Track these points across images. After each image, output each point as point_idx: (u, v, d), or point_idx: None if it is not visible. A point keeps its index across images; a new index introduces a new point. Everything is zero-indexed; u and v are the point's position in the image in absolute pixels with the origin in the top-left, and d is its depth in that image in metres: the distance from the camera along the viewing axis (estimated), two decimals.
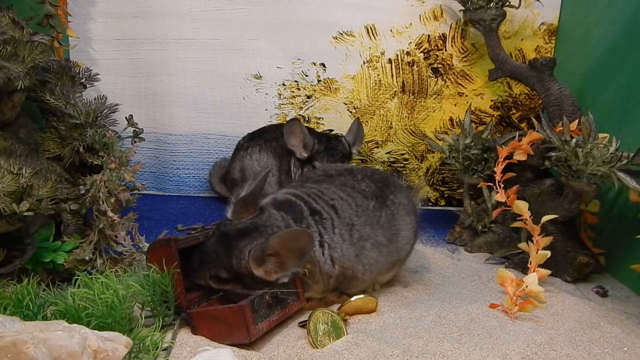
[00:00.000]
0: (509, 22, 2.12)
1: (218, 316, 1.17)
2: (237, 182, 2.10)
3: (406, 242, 1.47)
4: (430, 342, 1.19)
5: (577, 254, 1.61)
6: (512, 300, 1.36)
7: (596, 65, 1.87)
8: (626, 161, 1.43)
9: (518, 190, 1.61)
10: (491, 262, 1.75)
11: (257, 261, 1.20)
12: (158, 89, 2.19)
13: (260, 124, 2.20)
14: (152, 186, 2.22)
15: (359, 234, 1.35)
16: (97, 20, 2.12)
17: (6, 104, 1.41)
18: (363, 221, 1.37)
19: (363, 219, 1.37)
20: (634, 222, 1.56)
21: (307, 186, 1.45)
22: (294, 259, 1.20)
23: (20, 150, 1.41)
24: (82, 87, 1.64)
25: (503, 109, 2.23)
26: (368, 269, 1.37)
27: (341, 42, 2.18)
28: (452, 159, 1.89)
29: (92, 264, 1.40)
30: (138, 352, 1.06)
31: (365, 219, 1.38)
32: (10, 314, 1.06)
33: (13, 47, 1.38)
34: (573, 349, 1.21)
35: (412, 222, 1.49)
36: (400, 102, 2.22)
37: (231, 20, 2.15)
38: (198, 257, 1.25)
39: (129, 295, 1.13)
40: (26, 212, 1.22)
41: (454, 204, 2.28)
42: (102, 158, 1.48)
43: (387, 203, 1.44)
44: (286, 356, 1.13)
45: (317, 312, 1.22)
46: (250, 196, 1.27)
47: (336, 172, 1.53)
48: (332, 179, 1.48)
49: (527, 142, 1.66)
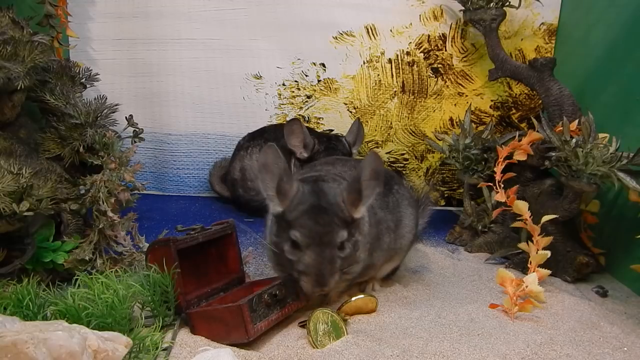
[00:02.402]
0: (509, 22, 2.12)
1: (217, 316, 1.17)
2: (237, 182, 2.10)
3: (408, 231, 1.49)
4: (430, 342, 1.19)
5: (577, 254, 1.61)
6: (512, 300, 1.36)
7: (596, 65, 1.87)
8: (626, 161, 1.43)
9: (518, 190, 1.61)
10: (491, 262, 1.75)
11: (355, 203, 1.20)
12: (158, 89, 2.19)
13: (260, 124, 2.20)
14: (152, 186, 2.22)
15: (376, 216, 1.36)
16: (97, 20, 2.12)
17: (6, 104, 1.41)
18: (378, 204, 1.38)
19: (378, 202, 1.38)
20: (634, 222, 1.56)
21: (318, 169, 1.45)
22: (374, 182, 1.20)
23: (20, 150, 1.41)
24: (82, 87, 1.64)
25: (503, 109, 2.23)
26: (381, 254, 1.39)
27: (341, 42, 2.18)
28: (452, 159, 1.89)
29: (92, 264, 1.40)
30: (138, 352, 1.06)
31: (380, 203, 1.39)
32: (10, 314, 1.06)
33: (13, 47, 1.38)
34: (573, 349, 1.21)
35: (413, 213, 1.52)
36: (400, 102, 2.22)
37: (231, 20, 2.15)
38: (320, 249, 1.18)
39: (129, 295, 1.13)
40: (26, 212, 1.22)
41: (454, 204, 2.28)
42: (102, 158, 1.48)
43: (392, 191, 1.47)
44: (286, 356, 1.13)
45: (317, 312, 1.22)
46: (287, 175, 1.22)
47: (340, 160, 1.56)
48: (340, 163, 1.50)
49: (527, 142, 1.66)
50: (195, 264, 1.32)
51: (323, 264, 1.16)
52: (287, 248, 1.20)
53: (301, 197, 1.20)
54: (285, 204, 1.20)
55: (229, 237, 1.39)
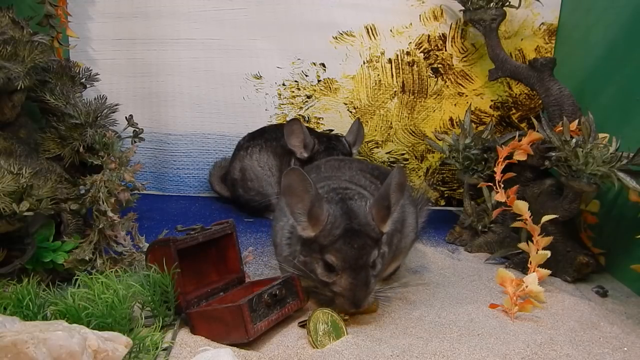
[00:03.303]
0: (509, 22, 2.12)
1: (217, 316, 1.17)
2: (237, 182, 2.10)
3: (411, 230, 1.51)
4: (430, 342, 1.19)
5: (577, 254, 1.61)
6: (512, 300, 1.36)
7: (596, 65, 1.87)
8: (626, 161, 1.43)
9: (518, 190, 1.61)
10: (491, 262, 1.75)
11: (384, 219, 1.25)
12: (158, 89, 2.19)
13: (260, 124, 2.20)
14: (152, 186, 2.22)
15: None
16: (96, 20, 2.12)
17: (6, 104, 1.41)
18: None
19: None
20: (634, 222, 1.56)
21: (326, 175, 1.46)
22: (398, 194, 1.26)
23: (20, 150, 1.41)
24: (82, 87, 1.64)
25: (503, 109, 2.23)
26: (390, 255, 1.40)
27: (341, 42, 2.18)
28: (452, 159, 1.89)
29: (92, 264, 1.40)
30: (138, 352, 1.06)
31: None
32: (10, 314, 1.06)
33: (13, 47, 1.38)
34: (573, 349, 1.21)
35: (414, 212, 1.54)
36: (400, 102, 2.22)
37: (231, 20, 2.15)
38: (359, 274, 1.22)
39: (129, 295, 1.13)
40: (26, 212, 1.22)
41: (454, 204, 2.28)
42: (102, 158, 1.48)
43: None
44: (286, 356, 1.13)
45: (317, 312, 1.22)
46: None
47: (344, 162, 1.57)
48: (346, 166, 1.51)
49: (527, 142, 1.66)
50: (195, 264, 1.32)
51: (359, 287, 1.20)
52: (320, 270, 1.24)
53: (333, 221, 1.22)
54: (318, 228, 1.22)
55: (229, 237, 1.39)
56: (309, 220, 1.22)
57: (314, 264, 1.24)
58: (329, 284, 1.23)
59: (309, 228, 1.23)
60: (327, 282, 1.23)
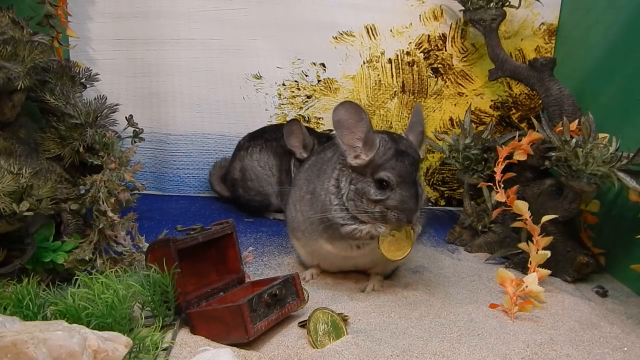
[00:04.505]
0: (509, 22, 2.12)
1: (217, 316, 1.17)
2: (237, 182, 2.10)
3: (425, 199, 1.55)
4: (430, 342, 1.19)
5: (577, 254, 1.61)
6: (512, 300, 1.36)
7: (596, 65, 1.87)
8: (626, 161, 1.43)
9: (518, 190, 1.61)
10: (491, 262, 1.75)
11: (419, 144, 1.43)
12: (158, 89, 2.19)
13: (260, 124, 2.20)
14: (152, 186, 2.22)
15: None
16: (96, 20, 2.12)
17: (6, 104, 1.41)
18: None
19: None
20: (634, 222, 1.56)
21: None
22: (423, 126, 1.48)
23: (20, 150, 1.41)
24: (82, 87, 1.64)
25: (503, 109, 2.23)
26: None
27: (341, 42, 2.18)
28: (452, 159, 1.89)
29: (92, 264, 1.40)
30: (138, 352, 1.06)
31: None
32: (10, 314, 1.06)
33: (13, 47, 1.38)
34: (573, 349, 1.21)
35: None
36: (400, 102, 2.23)
37: (231, 20, 2.15)
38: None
39: (129, 295, 1.13)
40: (26, 212, 1.22)
41: (454, 204, 2.28)
42: (102, 158, 1.48)
43: None
44: (286, 356, 1.13)
45: (317, 312, 1.22)
46: None
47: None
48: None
49: (527, 142, 1.66)
50: (195, 264, 1.32)
51: (412, 199, 1.33)
52: (373, 190, 1.35)
53: (386, 144, 1.36)
54: (372, 152, 1.35)
55: (229, 237, 1.39)
56: (364, 146, 1.36)
57: (366, 187, 1.35)
58: (383, 200, 1.33)
59: (364, 153, 1.36)
60: (381, 199, 1.33)
